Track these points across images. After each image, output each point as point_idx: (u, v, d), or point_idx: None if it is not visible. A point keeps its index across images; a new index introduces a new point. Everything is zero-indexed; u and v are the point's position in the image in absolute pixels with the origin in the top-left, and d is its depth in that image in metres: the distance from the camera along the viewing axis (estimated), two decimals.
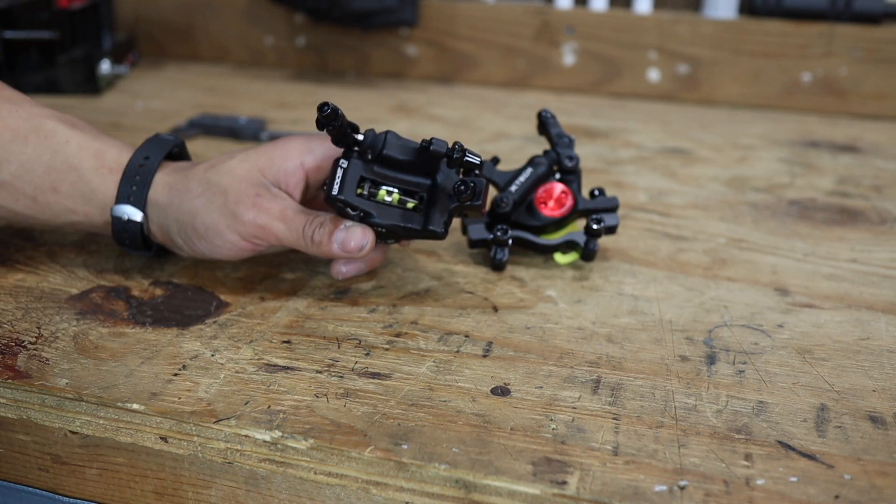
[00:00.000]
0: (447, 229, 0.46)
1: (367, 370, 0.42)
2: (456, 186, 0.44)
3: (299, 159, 0.48)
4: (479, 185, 0.45)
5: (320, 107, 0.42)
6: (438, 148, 0.44)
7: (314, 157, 0.48)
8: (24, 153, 0.46)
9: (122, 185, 0.47)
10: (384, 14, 0.98)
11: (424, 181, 0.46)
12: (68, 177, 0.47)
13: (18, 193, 0.47)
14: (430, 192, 0.46)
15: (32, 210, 0.47)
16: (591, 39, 1.02)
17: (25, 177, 0.46)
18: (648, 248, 0.57)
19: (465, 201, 0.45)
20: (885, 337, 0.46)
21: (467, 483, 0.34)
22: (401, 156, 0.45)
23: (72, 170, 0.47)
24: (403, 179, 0.46)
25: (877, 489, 0.34)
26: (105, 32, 1.02)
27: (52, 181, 0.47)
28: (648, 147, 0.82)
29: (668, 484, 0.34)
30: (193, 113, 0.88)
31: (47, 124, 0.47)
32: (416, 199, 0.46)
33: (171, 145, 0.50)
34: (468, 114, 0.93)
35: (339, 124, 0.43)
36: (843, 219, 0.64)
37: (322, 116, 0.43)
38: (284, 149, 0.48)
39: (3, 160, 0.46)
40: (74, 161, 0.47)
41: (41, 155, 0.46)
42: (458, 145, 0.45)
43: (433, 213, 0.46)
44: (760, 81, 0.99)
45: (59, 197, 0.47)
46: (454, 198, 0.45)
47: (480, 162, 0.45)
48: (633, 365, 0.43)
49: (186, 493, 0.39)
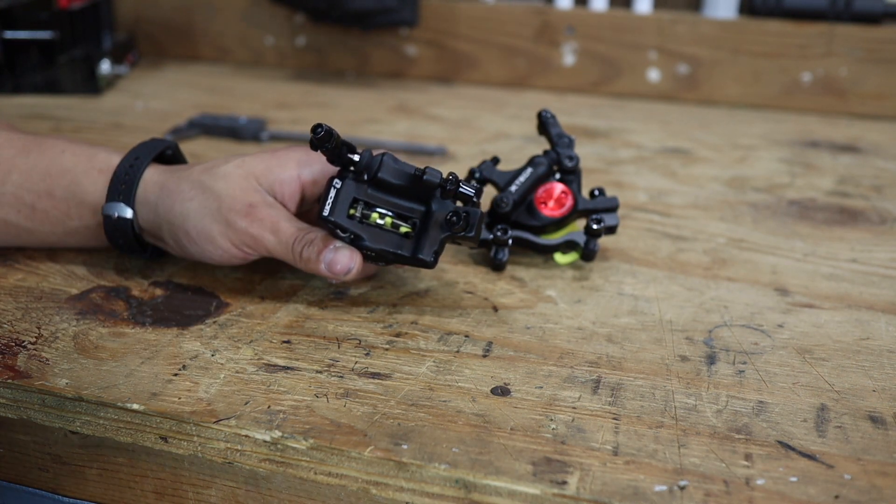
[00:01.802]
0: (437, 258, 0.45)
1: (367, 370, 0.42)
2: (448, 217, 0.44)
3: (296, 171, 0.48)
4: (472, 215, 0.44)
5: (314, 129, 0.42)
6: (432, 178, 0.44)
7: (311, 171, 0.48)
8: (26, 163, 0.48)
9: (111, 184, 0.47)
10: (384, 14, 0.98)
11: (419, 207, 0.46)
12: (62, 180, 0.48)
13: (20, 204, 0.48)
14: (423, 218, 0.45)
15: (32, 221, 0.48)
16: (591, 39, 1.02)
17: (25, 185, 0.48)
18: (648, 248, 0.57)
19: (457, 232, 0.44)
20: (885, 337, 0.46)
21: (467, 483, 0.34)
22: (396, 180, 0.45)
23: (65, 173, 0.48)
24: (398, 204, 0.46)
25: (877, 489, 0.34)
26: (105, 32, 1.02)
27: (48, 186, 0.48)
28: (648, 147, 0.82)
29: (668, 484, 0.34)
30: (193, 113, 0.88)
31: (48, 140, 0.50)
32: (409, 225, 0.46)
33: (163, 146, 0.50)
34: (468, 114, 0.93)
35: (333, 146, 0.43)
36: (843, 219, 0.64)
37: (315, 139, 0.42)
38: (282, 159, 0.48)
39: (7, 172, 0.48)
40: (68, 165, 0.48)
41: (39, 163, 0.48)
42: (452, 177, 0.44)
43: (424, 240, 0.45)
44: (760, 81, 0.99)
45: (54, 202, 0.48)
46: (446, 227, 0.45)
47: (475, 193, 0.44)
48: (633, 365, 0.43)
49: (186, 493, 0.39)
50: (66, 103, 0.91)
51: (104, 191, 0.48)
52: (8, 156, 0.48)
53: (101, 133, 0.80)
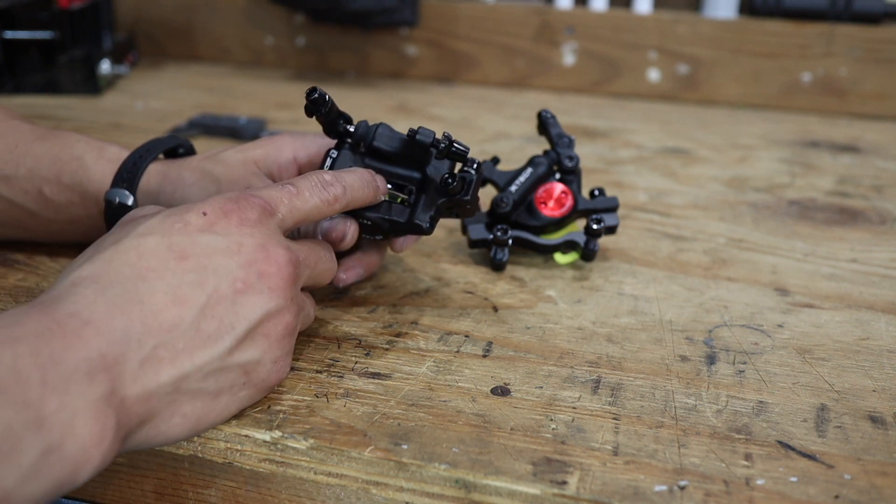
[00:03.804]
0: (433, 224, 0.44)
1: (367, 370, 0.42)
2: (444, 178, 0.43)
3: (292, 153, 0.49)
4: (468, 177, 0.44)
5: (308, 92, 0.41)
6: (424, 137, 0.43)
7: (307, 152, 0.49)
8: (40, 149, 0.49)
9: (117, 173, 0.48)
10: (384, 14, 0.98)
11: (415, 175, 0.45)
12: (71, 166, 0.49)
13: (28, 185, 0.49)
14: (419, 185, 0.45)
15: (36, 204, 0.49)
16: (591, 39, 1.02)
17: (36, 169, 0.49)
18: (648, 248, 0.57)
19: (453, 194, 0.43)
20: (885, 337, 0.46)
21: (467, 483, 0.34)
22: (391, 148, 0.45)
23: (75, 159, 0.49)
24: (394, 173, 0.45)
25: (877, 489, 0.34)
26: (105, 32, 1.02)
27: (58, 171, 0.48)
28: (648, 147, 0.82)
29: (668, 484, 0.34)
30: (193, 113, 0.88)
31: (64, 131, 0.51)
32: (405, 193, 0.45)
33: (175, 143, 0.51)
34: (468, 114, 0.93)
35: (327, 111, 0.43)
36: (843, 219, 0.64)
37: (309, 101, 0.42)
38: (278, 143, 0.49)
39: (21, 156, 0.49)
40: (79, 153, 0.49)
41: (52, 149, 0.49)
42: (445, 134, 0.43)
43: (419, 207, 0.44)
44: (760, 81, 0.99)
45: (61, 188, 0.48)
46: (442, 191, 0.44)
47: (467, 151, 0.44)
48: (633, 365, 0.43)
49: (186, 493, 0.39)
50: (66, 103, 0.91)
51: (110, 177, 0.48)
52: (25, 141, 0.50)
53: (101, 133, 0.80)
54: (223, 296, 0.35)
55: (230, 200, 0.37)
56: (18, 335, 0.29)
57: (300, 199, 0.39)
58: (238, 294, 0.35)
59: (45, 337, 0.30)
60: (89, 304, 0.32)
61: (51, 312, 0.31)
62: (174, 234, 0.35)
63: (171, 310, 0.33)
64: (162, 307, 0.33)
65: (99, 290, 0.32)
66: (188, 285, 0.34)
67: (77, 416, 0.29)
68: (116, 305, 0.32)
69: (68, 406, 0.29)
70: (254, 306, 0.35)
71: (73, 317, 0.31)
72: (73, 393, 0.29)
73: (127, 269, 0.33)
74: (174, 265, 0.34)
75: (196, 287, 0.34)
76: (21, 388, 0.28)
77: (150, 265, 0.34)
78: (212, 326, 0.34)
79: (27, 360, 0.29)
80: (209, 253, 0.35)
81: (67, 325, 0.31)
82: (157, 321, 0.33)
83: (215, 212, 0.36)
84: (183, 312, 0.33)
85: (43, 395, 0.29)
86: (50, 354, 0.29)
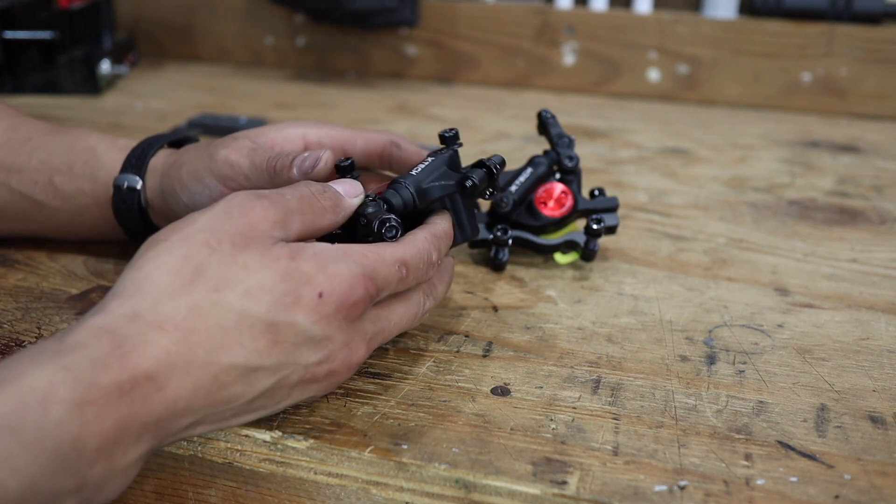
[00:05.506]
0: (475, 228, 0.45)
1: (367, 370, 0.42)
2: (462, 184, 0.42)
3: (301, 130, 0.49)
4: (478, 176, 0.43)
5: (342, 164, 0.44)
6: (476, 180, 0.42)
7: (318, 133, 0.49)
8: (54, 141, 0.50)
9: (126, 159, 0.49)
10: (384, 14, 0.98)
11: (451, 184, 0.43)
12: (83, 155, 0.50)
13: (39, 176, 0.49)
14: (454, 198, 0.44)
15: (45, 195, 0.49)
16: (591, 39, 1.02)
17: (48, 160, 0.50)
18: (648, 248, 0.57)
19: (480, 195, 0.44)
20: (885, 337, 0.46)
21: (467, 483, 0.34)
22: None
23: (89, 149, 0.50)
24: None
25: (877, 489, 0.34)
26: (105, 32, 1.02)
27: (69, 161, 0.49)
28: (648, 147, 0.82)
29: (668, 484, 0.34)
30: (193, 113, 0.88)
31: (76, 127, 0.52)
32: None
33: (184, 135, 0.53)
34: (468, 114, 0.93)
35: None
36: (843, 219, 0.64)
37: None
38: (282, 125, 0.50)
39: (35, 147, 0.50)
40: (91, 143, 0.50)
41: (65, 140, 0.50)
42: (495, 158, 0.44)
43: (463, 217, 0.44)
44: (760, 81, 0.99)
45: (71, 177, 0.49)
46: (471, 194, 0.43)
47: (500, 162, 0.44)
48: (633, 365, 0.43)
49: (186, 493, 0.39)
50: (66, 103, 0.91)
51: (119, 164, 0.49)
52: (39, 134, 0.51)
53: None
54: (288, 384, 0.35)
55: (351, 287, 0.34)
56: (92, 397, 0.28)
57: (403, 284, 0.38)
58: (302, 383, 0.35)
59: (114, 403, 0.29)
60: (168, 369, 0.30)
61: (129, 366, 0.30)
62: (280, 311, 0.33)
63: (237, 388, 0.32)
64: (229, 382, 0.32)
65: (182, 350, 0.31)
66: (264, 371, 0.33)
67: (113, 478, 0.30)
68: (190, 374, 0.31)
69: (110, 469, 0.29)
70: (306, 393, 0.36)
71: (150, 381, 0.30)
72: (117, 456, 0.29)
73: (218, 334, 0.32)
74: (263, 346, 0.33)
75: (270, 374, 0.33)
76: (77, 459, 0.28)
77: (242, 340, 0.32)
78: (261, 403, 0.34)
79: (92, 429, 0.28)
80: (299, 343, 0.34)
81: (141, 388, 0.30)
82: (220, 396, 0.32)
83: (330, 300, 0.34)
84: (246, 392, 0.33)
85: (94, 461, 0.28)
86: (114, 423, 0.29)
